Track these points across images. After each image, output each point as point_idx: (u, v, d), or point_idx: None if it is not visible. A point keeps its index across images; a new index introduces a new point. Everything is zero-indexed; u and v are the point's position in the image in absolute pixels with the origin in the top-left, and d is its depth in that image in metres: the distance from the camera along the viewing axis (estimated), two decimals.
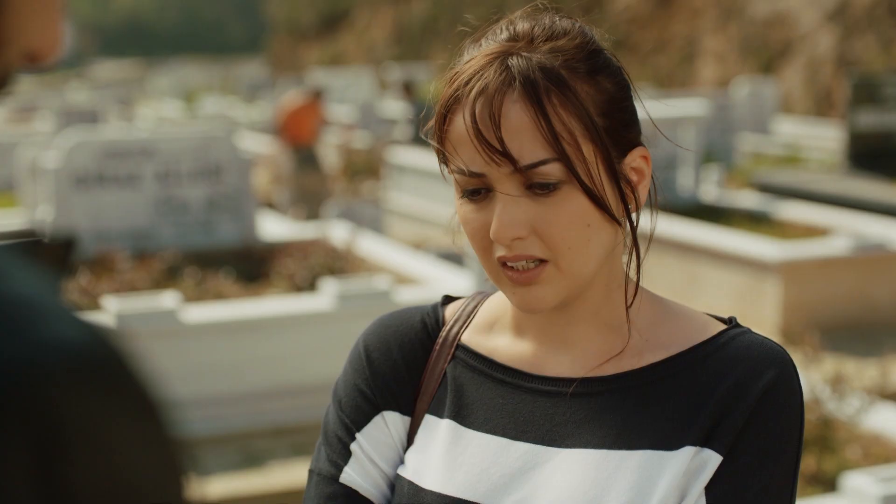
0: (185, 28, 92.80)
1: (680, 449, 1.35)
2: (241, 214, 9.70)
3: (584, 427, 1.40)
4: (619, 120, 1.38)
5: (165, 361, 6.65)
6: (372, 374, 1.51)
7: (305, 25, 43.79)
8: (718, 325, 1.45)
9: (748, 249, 8.79)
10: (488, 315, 1.53)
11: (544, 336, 1.46)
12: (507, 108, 1.32)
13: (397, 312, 1.57)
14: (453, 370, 1.50)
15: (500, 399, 1.46)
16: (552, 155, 1.32)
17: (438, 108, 1.39)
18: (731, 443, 1.34)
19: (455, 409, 1.47)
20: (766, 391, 1.35)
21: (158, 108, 30.65)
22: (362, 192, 15.23)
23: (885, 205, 11.17)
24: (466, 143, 1.34)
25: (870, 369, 6.89)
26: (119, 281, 7.96)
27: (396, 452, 1.49)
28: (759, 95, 19.41)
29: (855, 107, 13.99)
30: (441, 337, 1.53)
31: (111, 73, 57.93)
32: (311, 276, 8.18)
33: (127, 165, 9.39)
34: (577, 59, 1.36)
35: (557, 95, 1.33)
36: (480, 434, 1.44)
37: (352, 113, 22.42)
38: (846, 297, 8.67)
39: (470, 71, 1.36)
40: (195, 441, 6.50)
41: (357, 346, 1.55)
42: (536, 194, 1.33)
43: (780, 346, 1.42)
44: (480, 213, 1.36)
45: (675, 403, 1.38)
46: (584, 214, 1.34)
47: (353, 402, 1.51)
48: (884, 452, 5.42)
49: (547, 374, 1.45)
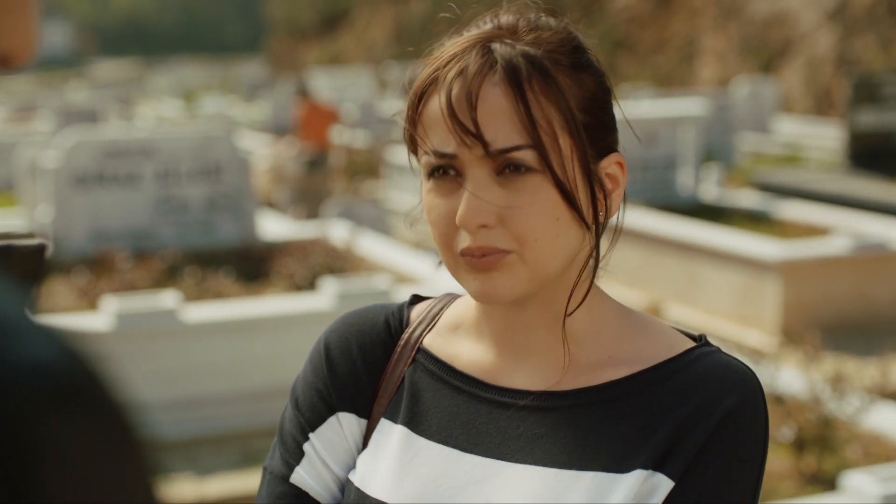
0: (185, 27, 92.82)
1: (631, 472, 1.31)
2: (241, 214, 9.70)
3: (538, 443, 1.36)
4: (598, 119, 1.35)
5: (165, 361, 6.65)
6: (330, 373, 1.48)
7: (305, 25, 43.80)
8: (686, 342, 1.40)
9: (748, 249, 8.79)
10: (453, 318, 1.49)
11: (505, 344, 1.42)
12: (486, 91, 1.28)
13: (363, 310, 1.53)
14: (412, 374, 1.46)
15: (454, 408, 1.42)
16: (527, 141, 1.28)
17: (413, 90, 1.34)
18: (684, 468, 1.30)
19: (409, 415, 1.44)
20: (725, 417, 1.30)
21: (158, 107, 30.65)
22: (362, 191, 15.23)
23: (885, 204, 11.17)
24: (440, 123, 1.30)
25: (870, 369, 6.89)
26: (119, 281, 7.96)
27: (350, 455, 1.46)
28: (759, 95, 19.41)
29: (855, 106, 13.99)
30: (403, 339, 1.49)
31: (111, 73, 57.93)
32: (310, 275, 8.18)
33: (126, 165, 9.39)
34: (561, 52, 1.34)
35: (539, 83, 1.30)
36: (432, 443, 1.41)
37: (352, 112, 22.43)
38: (846, 297, 8.67)
39: (450, 53, 1.33)
40: (195, 440, 6.50)
41: (318, 344, 1.52)
42: (507, 179, 1.29)
43: (748, 367, 1.37)
44: (446, 200, 1.32)
45: (630, 424, 1.34)
46: (553, 207, 1.30)
47: (310, 401, 1.48)
48: (884, 452, 5.42)
49: (505, 384, 1.41)
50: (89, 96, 30.43)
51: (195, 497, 5.87)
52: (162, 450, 6.30)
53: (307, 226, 10.53)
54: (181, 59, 64.05)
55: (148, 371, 6.59)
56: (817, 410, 5.46)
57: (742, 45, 24.60)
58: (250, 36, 78.85)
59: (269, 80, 37.18)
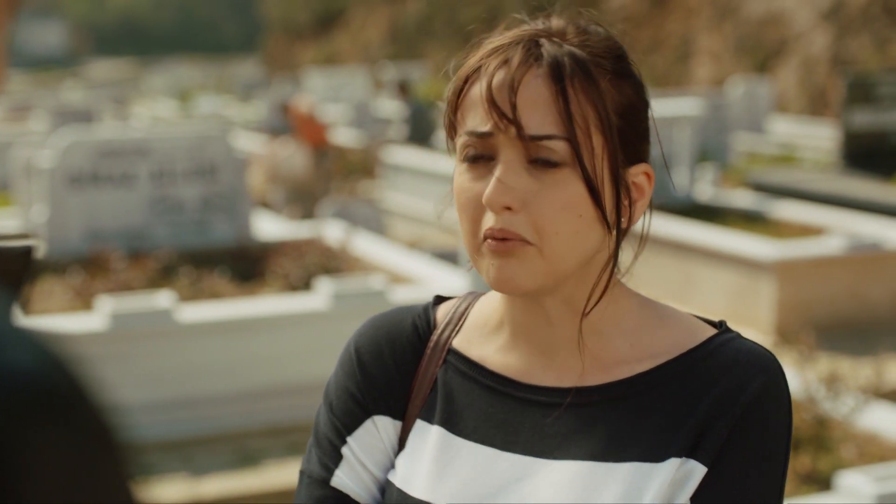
0: (180, 27, 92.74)
1: (665, 461, 1.35)
2: (236, 214, 9.69)
3: (573, 439, 1.40)
4: (633, 127, 1.39)
5: (160, 361, 6.65)
6: (363, 377, 1.51)
7: (300, 25, 43.77)
8: (707, 330, 1.45)
9: (743, 249, 8.80)
10: (479, 318, 1.52)
11: (531, 341, 1.45)
12: (528, 80, 1.33)
13: (389, 314, 1.56)
14: (444, 375, 1.49)
15: (489, 407, 1.45)
16: (561, 133, 1.32)
17: (458, 76, 1.39)
18: (715, 453, 1.34)
19: (445, 415, 1.47)
20: (751, 401, 1.35)
21: (153, 107, 30.61)
22: (357, 191, 15.23)
23: (880, 204, 11.18)
24: (478, 106, 1.35)
25: (864, 368, 6.90)
26: (114, 280, 7.96)
27: (388, 457, 1.49)
28: (754, 95, 19.42)
29: (849, 106, 14.00)
30: (432, 340, 1.52)
31: (106, 73, 57.87)
32: (306, 275, 8.17)
33: (122, 165, 9.38)
34: (605, 58, 1.38)
35: (581, 81, 1.33)
36: (469, 443, 1.44)
37: (347, 112, 22.42)
38: (841, 297, 8.68)
39: (496, 44, 1.37)
40: (190, 440, 6.49)
41: (348, 348, 1.54)
42: (537, 170, 1.33)
43: (769, 352, 1.41)
44: (477, 184, 1.35)
45: (661, 414, 1.38)
46: (578, 203, 1.34)
47: (345, 405, 1.50)
48: (878, 451, 5.42)
49: (536, 382, 1.44)
50: (84, 96, 30.40)
51: (191, 497, 5.87)
52: (155, 450, 6.30)
53: (302, 226, 10.52)
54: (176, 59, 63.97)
55: (143, 371, 6.58)
56: (812, 410, 5.47)
57: (737, 45, 24.62)
58: (246, 36, 78.79)
59: (265, 80, 37.15)
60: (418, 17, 36.67)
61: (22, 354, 0.66)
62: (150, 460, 6.18)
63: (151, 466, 6.13)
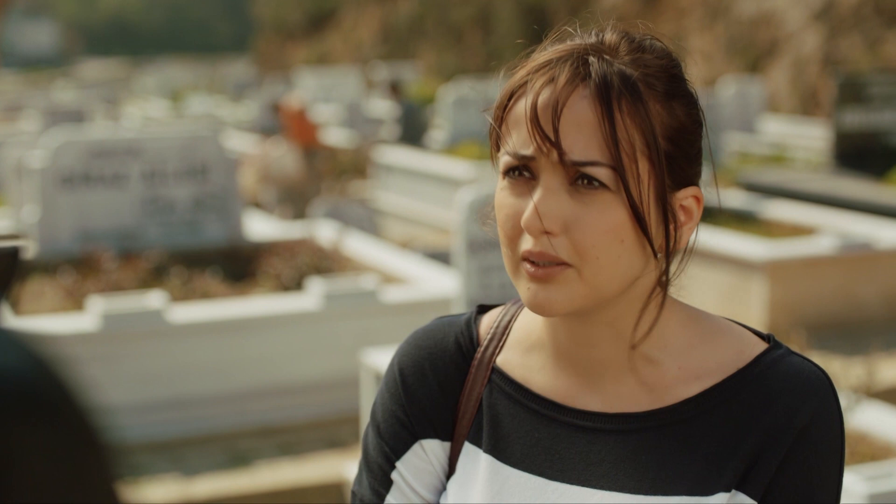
0: (172, 27, 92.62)
1: (715, 494, 1.32)
2: (228, 214, 9.68)
3: (620, 468, 1.37)
4: (683, 151, 1.35)
5: (152, 361, 6.64)
6: (408, 400, 1.48)
7: (292, 25, 43.73)
8: (756, 345, 1.41)
9: (735, 248, 8.81)
10: (522, 333, 1.48)
11: (575, 362, 1.42)
12: (574, 101, 1.28)
13: (431, 330, 1.53)
14: (489, 396, 1.46)
15: (535, 433, 1.42)
16: (606, 159, 1.27)
17: (504, 89, 1.35)
18: (765, 486, 1.31)
19: (492, 441, 1.44)
20: (802, 431, 1.32)
21: (145, 107, 30.58)
22: (349, 191, 15.22)
23: (871, 204, 11.19)
24: (523, 125, 1.31)
25: (856, 368, 6.90)
26: (105, 281, 7.94)
27: (437, 479, 1.47)
28: (746, 95, 19.43)
29: (841, 106, 14.02)
30: (476, 359, 1.49)
31: (97, 73, 57.79)
32: (297, 275, 8.16)
33: (113, 165, 9.37)
34: (657, 78, 1.33)
35: (628, 104, 1.29)
36: (518, 472, 1.41)
37: (339, 112, 22.41)
38: (832, 296, 8.69)
39: (545, 59, 1.33)
40: (181, 441, 6.49)
41: (392, 369, 1.51)
42: (579, 192, 1.29)
43: (819, 369, 1.37)
44: (517, 200, 1.32)
45: (708, 444, 1.35)
46: (620, 228, 1.30)
47: (392, 428, 1.48)
48: (870, 451, 5.43)
49: (581, 406, 1.41)
50: (76, 96, 30.34)
51: (182, 498, 5.86)
52: (147, 451, 6.29)
53: (294, 226, 10.51)
54: (168, 59, 63.90)
55: (134, 371, 6.57)
56: None
57: (728, 45, 24.64)
58: (237, 36, 78.73)
59: (256, 80, 37.12)
60: (410, 17, 36.66)
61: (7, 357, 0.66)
62: (141, 461, 6.17)
63: (142, 467, 6.12)
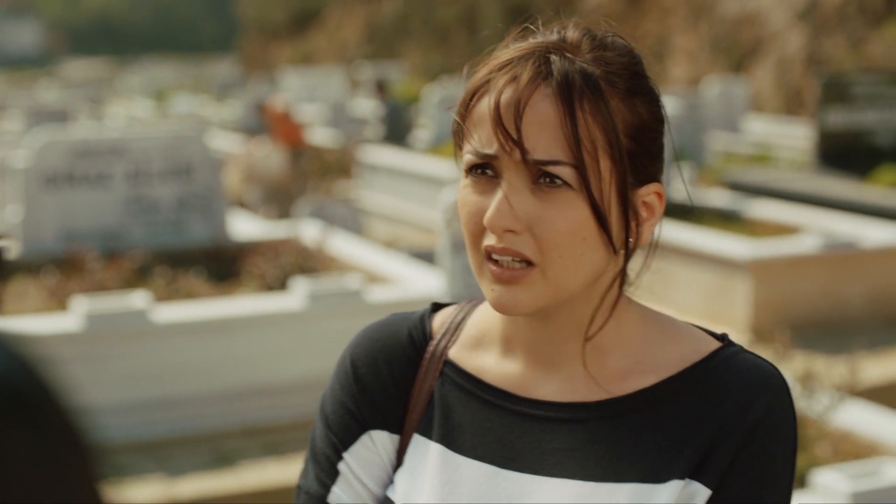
0: (156, 27, 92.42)
1: (668, 482, 1.32)
2: (212, 214, 9.66)
3: (573, 456, 1.37)
4: (644, 148, 1.35)
5: (136, 361, 6.63)
6: (359, 390, 1.47)
7: (277, 24, 43.67)
8: (710, 343, 1.42)
9: (719, 248, 8.82)
10: (476, 329, 1.48)
11: (532, 354, 1.42)
12: (536, 100, 1.29)
13: (384, 324, 1.53)
14: (441, 388, 1.46)
15: (487, 422, 1.42)
16: (568, 158, 1.28)
17: (468, 88, 1.35)
18: (720, 476, 1.32)
19: (443, 431, 1.44)
20: (756, 422, 1.33)
21: (129, 107, 30.51)
22: (334, 191, 15.21)
23: (855, 203, 11.23)
24: (485, 124, 1.31)
25: (839, 367, 6.92)
26: (89, 281, 7.92)
27: (385, 471, 1.46)
28: (730, 94, 19.47)
29: (825, 106, 14.06)
30: (428, 352, 1.48)
31: (81, 72, 57.62)
32: (282, 275, 8.16)
33: (97, 165, 9.34)
34: (619, 76, 1.34)
35: (590, 102, 1.29)
36: (469, 460, 1.41)
37: (323, 112, 22.39)
38: (816, 296, 8.71)
39: (507, 57, 1.33)
40: (166, 441, 6.47)
41: (343, 361, 1.50)
42: (542, 190, 1.29)
43: (773, 367, 1.38)
44: (480, 198, 1.33)
45: (664, 432, 1.35)
46: (583, 226, 1.30)
47: (341, 419, 1.47)
48: (853, 449, 5.45)
49: (535, 396, 1.41)
50: (60, 96, 30.27)
51: (167, 498, 5.85)
52: (131, 451, 6.28)
53: (278, 226, 10.50)
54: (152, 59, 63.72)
55: (118, 372, 6.56)
56: None
57: (713, 45, 24.69)
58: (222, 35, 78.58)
59: (241, 79, 37.07)
60: (395, 17, 36.65)
61: None
62: (125, 461, 6.16)
63: (127, 467, 6.11)
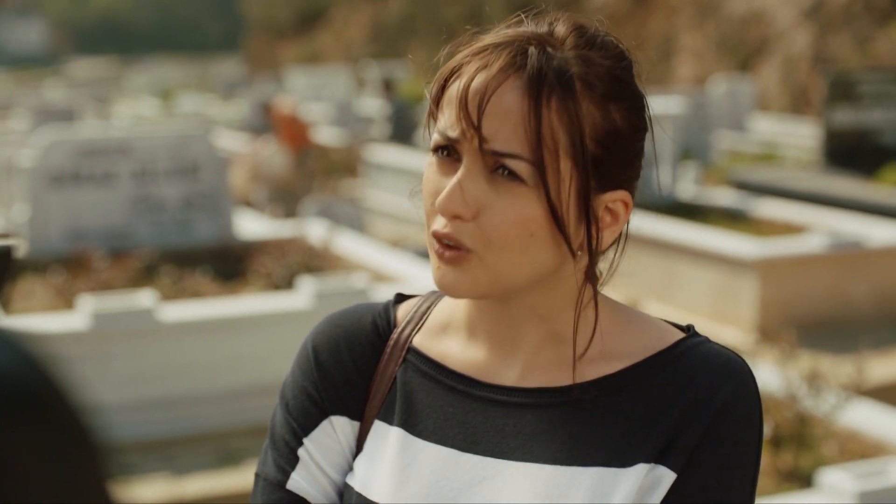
0: (162, 26, 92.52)
1: (633, 466, 1.31)
2: (218, 213, 9.67)
3: (536, 440, 1.36)
4: (613, 156, 1.32)
5: (142, 360, 6.63)
6: (320, 376, 1.46)
7: (282, 23, 43.70)
8: (676, 333, 1.41)
9: (725, 247, 8.82)
10: (441, 317, 1.48)
11: (496, 341, 1.41)
12: (504, 90, 1.27)
13: (348, 311, 1.51)
14: (403, 375, 1.45)
15: (449, 407, 1.41)
16: (526, 154, 1.26)
17: (443, 68, 1.34)
18: (685, 460, 1.31)
19: (405, 416, 1.42)
20: (721, 407, 1.32)
21: (135, 106, 30.53)
22: (340, 190, 15.21)
23: (862, 202, 11.22)
24: (453, 107, 1.30)
25: (846, 366, 6.91)
26: (95, 280, 7.93)
27: (345, 459, 1.45)
28: (736, 93, 19.46)
29: (831, 104, 14.04)
30: (392, 339, 1.47)
31: (87, 72, 57.69)
32: (288, 274, 8.16)
33: (103, 164, 9.35)
34: (599, 78, 1.31)
35: (558, 101, 1.27)
36: (430, 444, 1.40)
37: (329, 111, 22.39)
38: (823, 295, 8.70)
39: (486, 43, 1.32)
40: (172, 440, 6.48)
41: (305, 347, 1.49)
42: (496, 180, 1.28)
43: (739, 356, 1.37)
44: (440, 178, 1.32)
45: (628, 418, 1.34)
46: (531, 222, 1.29)
47: (301, 405, 1.46)
48: (860, 448, 5.44)
49: (498, 382, 1.40)
50: (66, 95, 30.30)
51: (172, 497, 5.85)
52: (137, 450, 6.28)
53: (285, 225, 10.51)
54: (158, 58, 63.83)
55: (124, 371, 6.57)
56: (794, 408, 5.48)
57: (719, 44, 24.67)
58: (227, 34, 78.62)
59: (247, 78, 37.09)
60: (400, 16, 36.65)
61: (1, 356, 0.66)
62: (131, 460, 6.17)
63: (133, 466, 6.12)
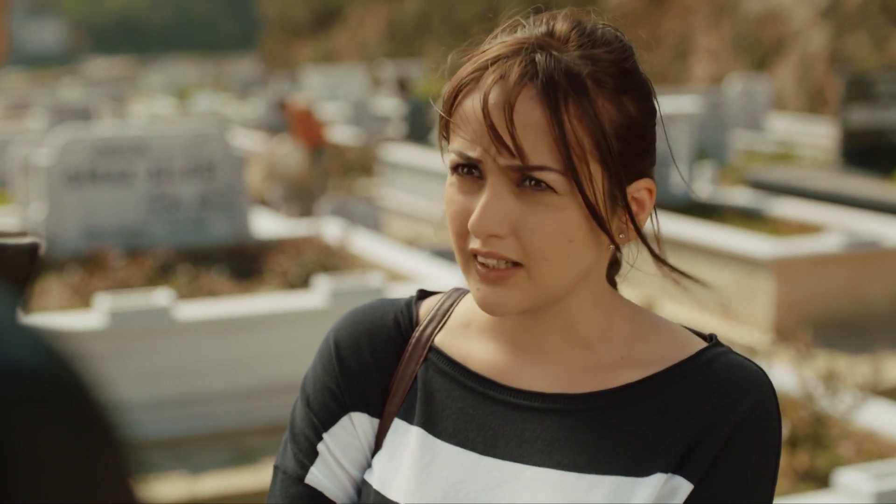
0: (178, 25, 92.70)
1: (651, 475, 1.31)
2: (234, 211, 9.69)
3: (555, 446, 1.35)
4: (634, 147, 1.32)
5: (158, 359, 6.64)
6: (341, 372, 1.46)
7: (298, 22, 43.75)
8: (698, 342, 1.40)
9: (741, 246, 8.80)
10: (463, 316, 1.47)
11: (519, 344, 1.40)
12: (522, 101, 1.25)
13: (370, 307, 1.51)
14: (424, 374, 1.44)
15: (469, 409, 1.40)
16: (557, 164, 1.26)
17: (453, 82, 1.32)
18: (703, 471, 1.30)
19: (425, 416, 1.42)
20: (741, 419, 1.31)
21: (151, 105, 30.61)
22: (355, 189, 15.22)
23: (878, 201, 11.18)
24: (471, 124, 1.28)
25: (862, 366, 6.90)
26: (112, 278, 7.95)
27: (364, 455, 1.45)
28: (752, 92, 19.41)
29: (847, 104, 14.01)
30: (414, 337, 1.47)
31: (104, 71, 57.84)
32: (304, 273, 8.17)
33: (119, 163, 9.38)
34: (607, 74, 1.30)
35: (575, 104, 1.26)
36: (449, 446, 1.39)
37: (345, 110, 22.41)
38: (839, 294, 8.68)
39: (493, 54, 1.30)
40: (188, 438, 6.49)
41: (327, 342, 1.49)
42: (525, 193, 1.27)
43: (759, 368, 1.37)
44: (465, 198, 1.30)
45: (648, 427, 1.34)
46: (569, 228, 1.28)
47: (322, 400, 1.46)
48: (876, 449, 5.42)
49: (519, 386, 1.39)
50: (82, 94, 30.36)
51: (188, 495, 5.87)
52: (153, 448, 6.30)
53: (300, 224, 10.52)
54: (174, 57, 63.93)
55: (141, 369, 6.58)
56: (810, 408, 5.47)
57: (735, 43, 24.62)
58: (243, 34, 78.76)
59: (262, 77, 37.14)
60: (416, 15, 36.67)
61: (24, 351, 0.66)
62: (147, 458, 6.18)
63: (149, 464, 6.13)
